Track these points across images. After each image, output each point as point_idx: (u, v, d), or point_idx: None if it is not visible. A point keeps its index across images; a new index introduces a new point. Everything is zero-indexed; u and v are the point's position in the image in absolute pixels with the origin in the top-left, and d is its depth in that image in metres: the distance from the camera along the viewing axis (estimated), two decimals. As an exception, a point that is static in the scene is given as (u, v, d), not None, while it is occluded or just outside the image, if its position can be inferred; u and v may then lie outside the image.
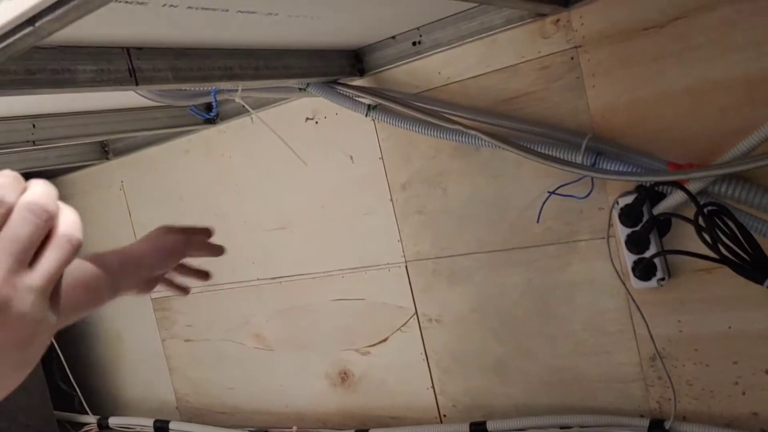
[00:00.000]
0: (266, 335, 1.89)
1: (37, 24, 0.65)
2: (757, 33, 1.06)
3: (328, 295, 1.71)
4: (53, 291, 0.39)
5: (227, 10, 0.95)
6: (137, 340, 2.23)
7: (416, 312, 1.56)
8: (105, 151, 2.06)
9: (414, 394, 1.61)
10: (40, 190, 0.39)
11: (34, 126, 1.45)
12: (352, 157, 1.58)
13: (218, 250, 1.04)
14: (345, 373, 1.73)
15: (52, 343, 2.23)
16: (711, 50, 1.10)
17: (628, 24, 1.16)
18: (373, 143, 1.53)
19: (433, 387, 1.57)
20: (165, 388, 2.18)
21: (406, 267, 1.55)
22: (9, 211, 0.37)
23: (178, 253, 0.97)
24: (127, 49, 1.03)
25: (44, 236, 0.38)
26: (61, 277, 0.39)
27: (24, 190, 0.39)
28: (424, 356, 1.57)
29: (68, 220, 0.40)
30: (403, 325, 1.59)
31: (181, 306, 2.07)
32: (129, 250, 0.90)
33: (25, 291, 0.37)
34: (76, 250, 0.40)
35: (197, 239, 1.02)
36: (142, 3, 0.82)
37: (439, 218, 1.47)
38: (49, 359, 2.30)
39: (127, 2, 0.79)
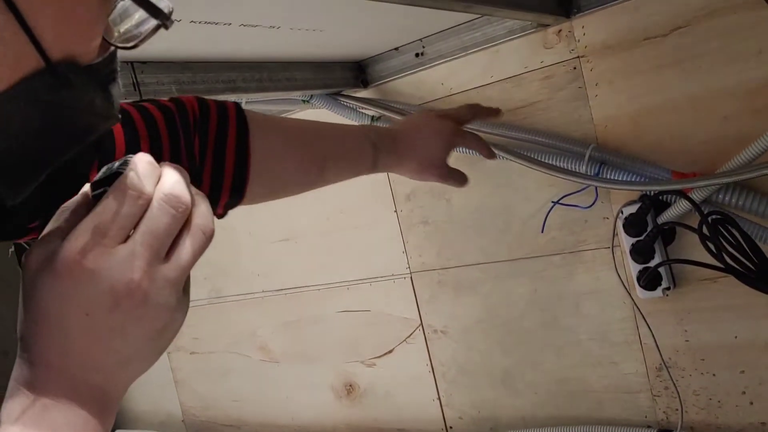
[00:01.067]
0: (272, 347, 1.88)
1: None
2: (758, 42, 1.06)
3: (333, 307, 1.71)
4: (186, 278, 0.40)
5: (230, 24, 0.96)
6: (143, 352, 2.23)
7: (422, 323, 1.56)
8: (111, 165, 2.08)
9: (420, 406, 1.60)
10: (175, 178, 0.39)
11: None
12: (356, 169, 1.58)
13: (490, 153, 0.99)
14: (350, 385, 1.73)
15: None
16: (713, 59, 1.10)
17: (630, 34, 1.17)
18: (377, 154, 1.53)
19: (439, 399, 1.57)
20: (171, 402, 2.18)
21: (411, 278, 1.55)
22: (148, 203, 0.38)
23: (450, 136, 0.93)
24: (131, 63, 1.04)
25: (180, 227, 0.39)
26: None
27: (159, 177, 0.39)
28: (429, 368, 1.56)
29: (202, 210, 0.41)
30: (408, 337, 1.59)
31: (187, 318, 2.06)
32: (399, 130, 0.89)
33: (162, 283, 0.38)
34: (209, 240, 0.41)
35: (471, 135, 0.97)
36: (145, 17, 0.83)
37: (443, 229, 1.47)
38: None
39: (130, 17, 0.80)
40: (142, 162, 0.39)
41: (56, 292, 0.37)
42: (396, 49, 1.41)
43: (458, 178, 0.98)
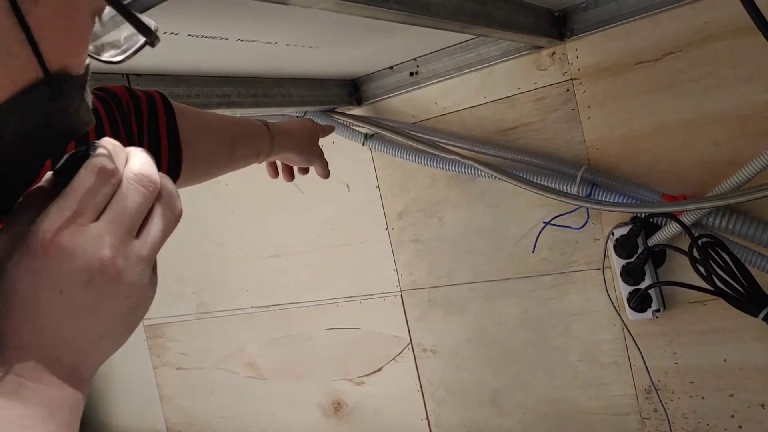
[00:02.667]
0: (259, 364, 1.87)
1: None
2: (748, 68, 1.08)
3: (322, 324, 1.70)
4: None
5: (227, 39, 0.96)
6: (129, 367, 2.21)
7: (411, 342, 1.55)
8: (101, 177, 2.06)
9: (408, 426, 1.59)
10: (143, 159, 0.40)
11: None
12: (348, 186, 1.58)
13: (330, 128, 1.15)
14: (338, 404, 1.71)
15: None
16: (704, 84, 1.11)
17: (622, 57, 1.18)
18: (370, 172, 1.54)
19: (427, 418, 1.56)
20: (156, 417, 2.15)
21: (402, 296, 1.55)
22: (119, 182, 0.39)
23: (316, 130, 1.06)
24: (127, 75, 1.04)
25: (150, 206, 0.40)
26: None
27: (126, 159, 0.40)
28: (418, 387, 1.56)
29: (170, 189, 0.41)
30: (397, 355, 1.58)
31: (174, 333, 2.05)
32: (283, 122, 1.02)
33: (135, 260, 0.39)
34: (178, 219, 0.42)
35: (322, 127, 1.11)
36: (143, 30, 0.83)
37: (435, 247, 1.47)
38: None
39: (128, 29, 0.80)
40: (110, 144, 0.40)
41: (28, 270, 0.37)
42: (390, 67, 1.42)
43: (325, 166, 1.10)
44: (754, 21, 0.68)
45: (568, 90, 1.24)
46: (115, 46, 0.42)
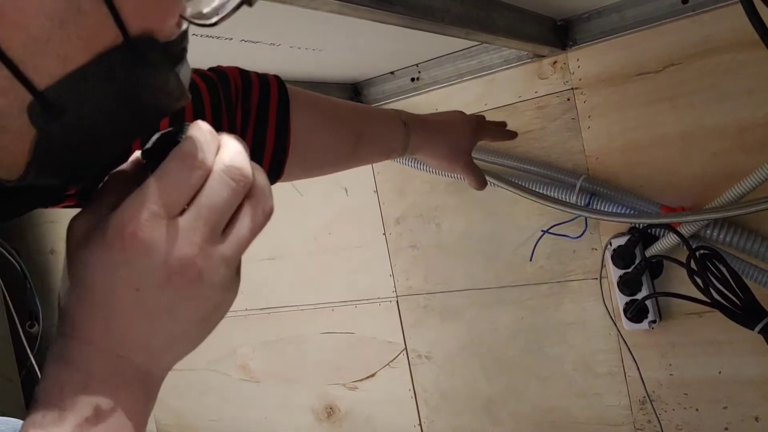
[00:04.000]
0: (252, 366, 1.86)
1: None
2: (749, 81, 1.08)
3: (317, 328, 1.70)
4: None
5: (231, 39, 0.96)
6: (120, 367, 2.20)
7: (406, 348, 1.55)
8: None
9: (401, 432, 1.59)
10: (236, 149, 0.37)
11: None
12: (346, 190, 1.58)
13: (512, 135, 1.06)
14: (331, 408, 1.71)
15: (34, 369, 2.19)
16: (704, 97, 1.12)
17: (623, 68, 1.19)
18: (368, 176, 1.54)
19: (420, 425, 1.55)
20: (146, 418, 2.13)
21: (397, 302, 1.55)
22: (207, 174, 0.35)
23: (477, 129, 0.96)
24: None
25: (240, 202, 0.37)
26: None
27: (219, 147, 0.37)
28: (412, 393, 1.55)
29: (262, 185, 0.38)
30: (392, 361, 1.58)
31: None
32: (428, 115, 0.92)
33: (218, 261, 0.36)
34: (268, 218, 0.39)
35: (492, 123, 1.02)
36: (147, 28, 0.83)
37: (432, 253, 1.47)
38: (30, 388, 2.25)
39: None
40: (201, 130, 0.36)
41: (105, 264, 0.34)
42: (392, 72, 1.42)
43: (479, 177, 0.99)
44: (759, 33, 0.68)
45: (568, 99, 1.25)
46: (211, 10, 0.38)
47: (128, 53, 0.33)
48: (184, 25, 0.37)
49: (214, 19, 0.37)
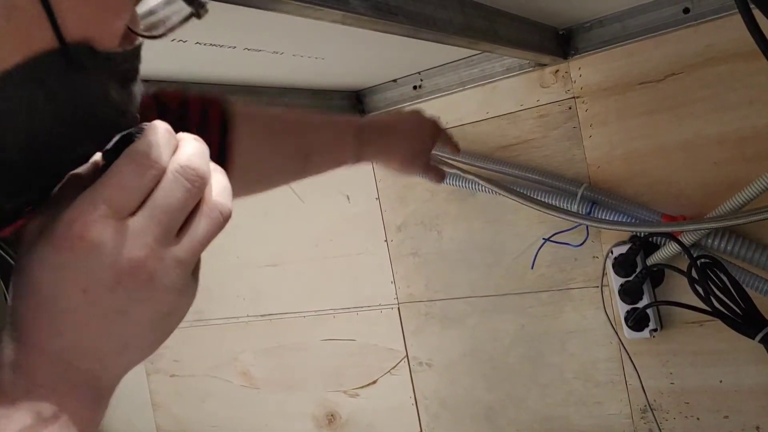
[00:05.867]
0: (253, 373, 1.86)
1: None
2: (750, 92, 1.09)
3: (318, 335, 1.70)
4: (197, 260, 0.37)
5: (235, 47, 0.97)
6: (121, 373, 2.19)
7: (407, 355, 1.55)
8: (101, 181, 2.06)
9: (401, 439, 1.58)
10: (193, 149, 0.36)
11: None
12: (348, 197, 1.59)
13: (457, 149, 1.05)
14: (332, 415, 1.71)
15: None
16: (705, 106, 1.12)
17: (625, 77, 1.19)
18: (370, 184, 1.54)
19: (420, 432, 1.55)
20: (147, 424, 2.13)
21: (399, 309, 1.55)
22: (161, 174, 0.34)
23: (434, 132, 0.94)
24: (133, 81, 1.04)
25: (195, 204, 0.36)
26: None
27: (176, 148, 0.35)
28: (413, 400, 1.55)
29: (220, 186, 0.37)
30: (393, 368, 1.58)
31: (168, 340, 2.04)
32: (381, 117, 0.91)
33: (171, 263, 0.34)
34: (226, 220, 0.37)
35: (446, 132, 1.00)
36: (152, 37, 0.83)
37: (433, 261, 1.47)
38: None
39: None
40: (157, 130, 0.35)
41: (52, 264, 0.33)
42: (394, 80, 1.42)
43: (437, 173, 0.98)
44: (758, 45, 0.68)
45: (570, 108, 1.25)
46: (158, 23, 0.37)
47: (64, 60, 0.32)
48: (137, 41, 0.36)
49: (160, 30, 0.36)
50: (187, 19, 0.36)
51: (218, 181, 0.37)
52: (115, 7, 0.34)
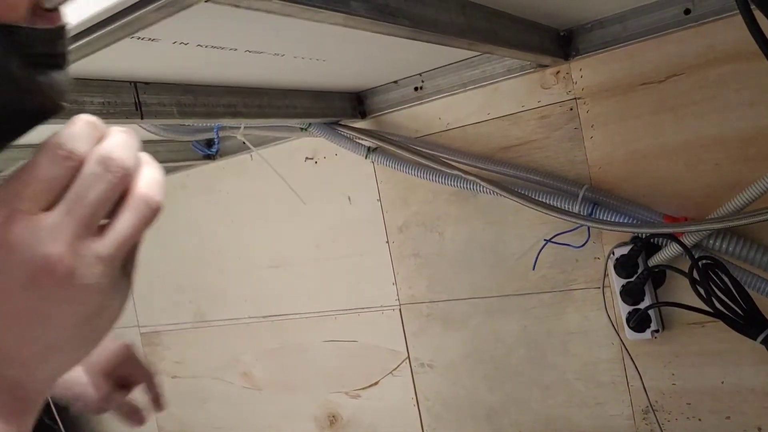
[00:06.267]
0: (255, 374, 1.86)
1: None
2: (751, 93, 1.08)
3: (319, 336, 1.70)
4: (128, 258, 0.35)
5: (236, 49, 0.97)
6: (123, 374, 2.20)
7: (409, 356, 1.55)
8: (102, 183, 2.06)
9: (403, 440, 1.59)
10: (118, 140, 0.34)
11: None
12: (350, 198, 1.59)
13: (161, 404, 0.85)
14: (333, 416, 1.71)
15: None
16: (707, 107, 1.12)
17: (626, 78, 1.19)
18: (372, 185, 1.54)
19: (422, 433, 1.55)
20: (149, 426, 2.13)
21: (400, 310, 1.55)
22: (79, 165, 0.32)
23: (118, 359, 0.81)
24: (135, 83, 1.05)
25: (118, 196, 0.33)
26: (137, 243, 0.35)
27: (100, 139, 0.34)
28: (415, 402, 1.55)
29: (148, 178, 0.34)
30: (394, 369, 1.58)
31: (170, 341, 2.05)
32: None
33: (91, 260, 0.32)
34: (155, 213, 0.35)
35: (145, 370, 0.85)
36: (153, 40, 0.83)
37: (435, 262, 1.47)
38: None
39: (139, 39, 0.81)
40: (78, 121, 0.33)
41: None
42: (395, 82, 1.42)
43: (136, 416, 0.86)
44: (759, 45, 0.68)
45: (571, 109, 1.25)
46: None
47: None
48: (58, 23, 0.34)
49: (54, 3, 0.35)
50: None
51: (148, 173, 0.35)
52: None
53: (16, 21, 0.33)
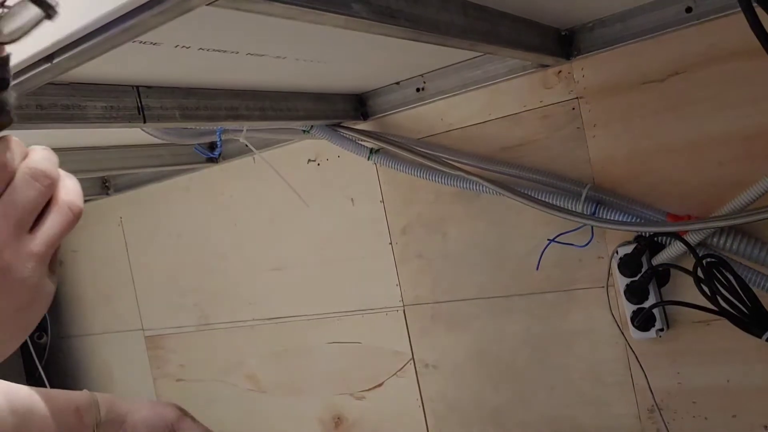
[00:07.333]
0: (260, 377, 1.86)
1: (54, 61, 0.66)
2: (753, 90, 1.08)
3: (323, 338, 1.70)
4: (52, 258, 0.39)
5: (237, 53, 0.97)
6: (128, 377, 2.20)
7: (413, 357, 1.55)
8: (105, 186, 2.07)
9: (408, 442, 1.58)
10: (41, 155, 0.39)
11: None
12: (352, 200, 1.59)
13: None
14: (338, 418, 1.71)
15: (43, 380, 2.20)
16: (709, 105, 1.12)
17: (628, 77, 1.19)
18: (374, 187, 1.54)
19: (427, 434, 1.55)
20: (154, 429, 2.14)
21: (404, 311, 1.55)
22: (11, 176, 0.37)
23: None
24: (137, 87, 1.05)
25: (45, 202, 0.38)
26: (59, 245, 0.40)
27: (25, 155, 0.39)
28: (419, 403, 1.55)
29: (70, 187, 0.40)
30: (399, 371, 1.58)
31: (174, 345, 2.05)
32: (126, 403, 0.83)
33: (25, 257, 0.37)
34: (77, 217, 0.40)
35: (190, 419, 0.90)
36: (155, 44, 0.84)
37: (438, 263, 1.47)
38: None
39: (141, 42, 0.81)
40: (6, 138, 0.38)
41: None
42: (397, 83, 1.42)
43: None
44: (761, 43, 0.68)
45: (573, 109, 1.25)
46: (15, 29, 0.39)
47: None
48: (2, 53, 0.38)
49: (16, 35, 0.38)
50: (39, 21, 0.38)
51: (68, 184, 0.40)
52: None
53: None
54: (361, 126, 1.49)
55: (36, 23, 0.38)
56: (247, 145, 1.54)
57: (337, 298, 1.66)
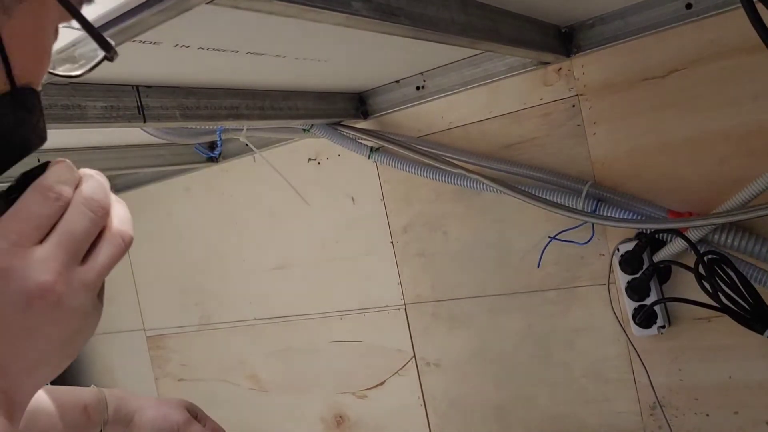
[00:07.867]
0: (262, 376, 1.86)
1: (54, 60, 0.66)
2: (754, 86, 1.08)
3: (325, 337, 1.70)
4: (102, 285, 0.40)
5: (237, 51, 0.97)
6: (130, 377, 2.20)
7: (414, 356, 1.55)
8: (106, 187, 2.07)
9: (410, 440, 1.58)
10: (95, 184, 0.40)
11: (38, 160, 1.45)
12: (353, 199, 1.59)
13: None
14: (341, 417, 1.71)
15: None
16: (710, 102, 1.12)
17: (628, 74, 1.19)
18: (375, 185, 1.54)
19: (429, 432, 1.55)
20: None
21: (406, 310, 1.55)
22: (66, 204, 0.38)
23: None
24: (137, 86, 1.05)
25: (99, 231, 0.39)
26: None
27: (78, 181, 0.39)
28: (421, 401, 1.55)
29: (121, 216, 0.41)
30: (400, 369, 1.58)
31: (176, 344, 2.05)
32: (134, 402, 0.85)
33: (78, 287, 0.37)
34: (128, 246, 0.40)
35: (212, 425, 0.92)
36: (155, 43, 0.84)
37: (439, 261, 1.47)
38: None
39: (141, 42, 0.81)
40: (59, 166, 0.39)
41: None
42: (397, 81, 1.42)
43: None
44: (762, 38, 0.68)
45: (574, 106, 1.25)
46: (70, 61, 0.43)
47: (11, 99, 0.38)
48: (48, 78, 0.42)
49: (77, 72, 0.43)
50: (101, 61, 0.41)
51: (119, 211, 0.41)
52: (48, 50, 0.41)
53: (40, 86, 0.41)
54: (362, 124, 1.49)
55: (97, 64, 0.42)
56: (247, 145, 1.54)
57: (338, 297, 1.66)
